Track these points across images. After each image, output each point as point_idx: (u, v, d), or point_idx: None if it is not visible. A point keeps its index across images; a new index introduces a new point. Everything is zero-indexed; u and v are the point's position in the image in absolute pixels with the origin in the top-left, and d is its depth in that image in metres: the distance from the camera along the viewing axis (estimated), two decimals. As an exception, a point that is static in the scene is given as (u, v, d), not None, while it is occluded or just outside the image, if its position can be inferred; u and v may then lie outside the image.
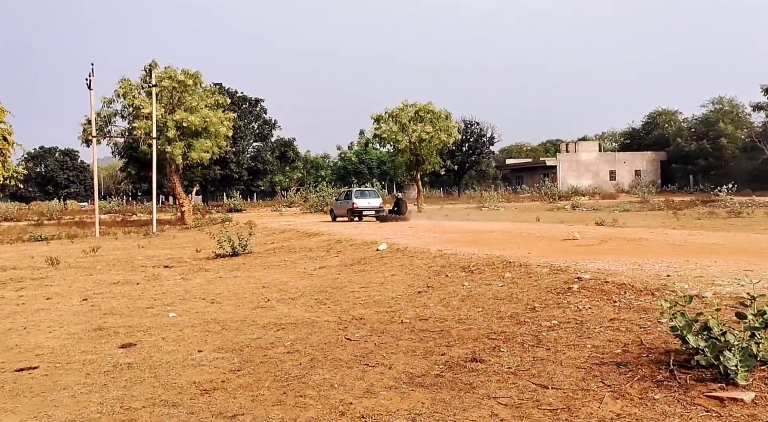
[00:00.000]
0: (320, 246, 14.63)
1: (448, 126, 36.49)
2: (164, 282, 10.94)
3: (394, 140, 36.12)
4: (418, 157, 36.96)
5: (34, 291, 10.60)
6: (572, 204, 37.53)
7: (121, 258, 15.74)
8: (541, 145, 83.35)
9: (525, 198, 48.58)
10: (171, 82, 29.89)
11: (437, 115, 36.57)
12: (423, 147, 36.11)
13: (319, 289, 9.22)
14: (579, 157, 60.65)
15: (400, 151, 36.79)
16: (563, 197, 45.14)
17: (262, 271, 11.73)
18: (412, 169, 38.35)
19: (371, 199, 25.76)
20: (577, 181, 56.61)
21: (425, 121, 36.40)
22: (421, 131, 35.53)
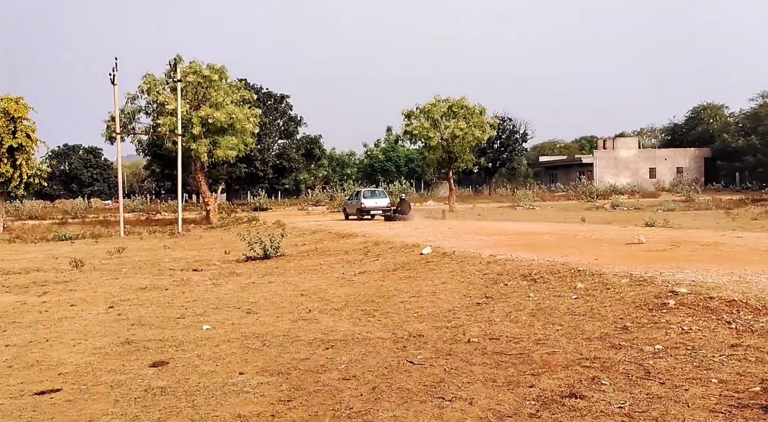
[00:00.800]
0: (357, 248, 13.80)
1: (482, 122, 35.38)
2: (194, 288, 10.20)
3: (426, 137, 35.14)
4: (450, 154, 35.90)
5: (58, 296, 9.95)
6: (612, 203, 36.14)
7: (147, 260, 15.12)
8: (575, 142, 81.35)
9: (560, 196, 47.21)
10: (196, 77, 29.35)
11: (471, 110, 35.47)
12: (456, 144, 35.05)
13: (364, 298, 8.38)
14: (617, 154, 58.71)
15: (431, 148, 35.80)
16: (601, 196, 43.69)
17: (298, 276, 10.93)
18: (443, 166, 37.33)
19: (378, 199, 27.51)
20: (614, 179, 54.85)
21: (458, 116, 35.35)
22: (454, 127, 34.48)
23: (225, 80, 31.67)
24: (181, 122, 27.97)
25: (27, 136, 26.98)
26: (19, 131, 26.67)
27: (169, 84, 30.13)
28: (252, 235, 13.79)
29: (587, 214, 28.17)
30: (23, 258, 16.69)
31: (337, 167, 71.72)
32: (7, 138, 26.25)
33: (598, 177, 56.70)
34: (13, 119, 26.65)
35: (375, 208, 26.42)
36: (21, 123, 26.93)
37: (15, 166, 26.93)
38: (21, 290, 10.71)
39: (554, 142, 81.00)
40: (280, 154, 49.00)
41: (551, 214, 29.43)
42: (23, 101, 27.28)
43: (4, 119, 26.38)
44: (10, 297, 10.09)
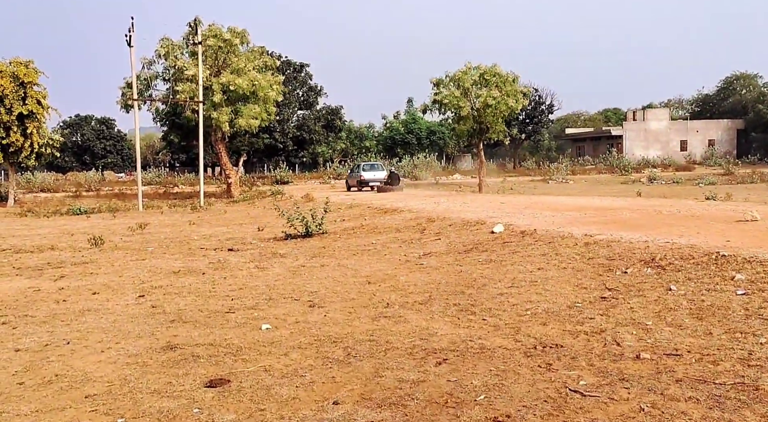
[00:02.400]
0: (408, 225, 12.22)
1: (515, 90, 33.28)
2: (236, 272, 8.71)
3: (456, 106, 33.12)
4: (481, 125, 33.93)
5: (77, 281, 8.51)
6: (648, 176, 34.21)
7: (174, 237, 13.67)
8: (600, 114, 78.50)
9: (590, 170, 45.16)
10: (216, 41, 27.51)
11: (504, 78, 33.29)
12: (488, 114, 33.00)
13: (448, 288, 6.82)
14: (647, 126, 56.21)
15: (461, 119, 33.79)
16: (633, 169, 41.66)
17: (352, 258, 9.40)
18: (474, 138, 35.41)
19: (376, 172, 30.11)
20: (644, 152, 52.55)
21: (490, 84, 33.26)
22: (486, 96, 32.41)
23: (246, 45, 29.81)
24: (201, 89, 26.29)
25: (38, 102, 25.48)
26: (30, 97, 25.16)
27: (188, 48, 28.33)
28: (292, 210, 12.23)
29: (629, 188, 26.35)
30: (36, 234, 15.34)
31: (355, 140, 69.83)
32: (16, 104, 24.76)
33: (627, 149, 54.41)
34: (23, 84, 25.13)
35: (373, 180, 28.97)
36: (31, 88, 25.42)
37: (25, 134, 25.52)
38: (34, 273, 9.29)
39: (578, 113, 78.21)
40: (300, 125, 47.12)
41: (591, 188, 27.63)
42: (33, 65, 25.72)
43: (14, 84, 24.86)
44: (21, 281, 8.68)
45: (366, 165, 31.45)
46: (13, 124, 25.13)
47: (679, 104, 74.48)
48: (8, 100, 24.70)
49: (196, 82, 26.91)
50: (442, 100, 34.49)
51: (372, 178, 29.28)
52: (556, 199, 16.70)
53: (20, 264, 10.20)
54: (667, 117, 59.17)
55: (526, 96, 34.65)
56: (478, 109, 33.72)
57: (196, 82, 26.96)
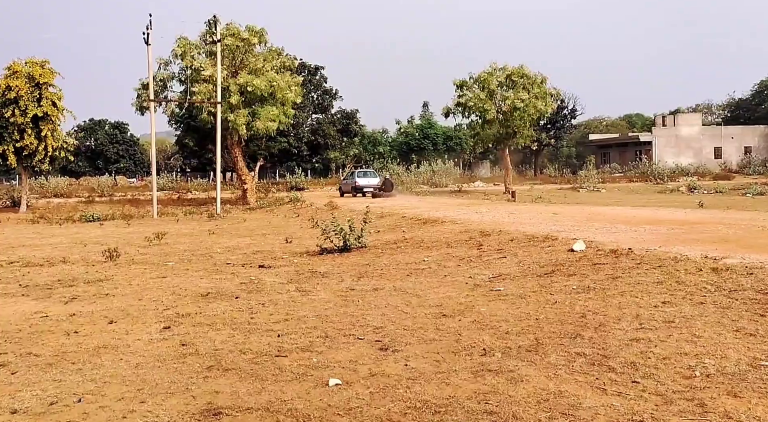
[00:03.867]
0: (459, 239, 10.87)
1: (544, 92, 31.88)
2: (274, 296, 7.40)
3: (481, 109, 31.72)
4: (508, 129, 32.52)
5: (91, 304, 7.24)
6: (687, 186, 32.58)
7: (194, 249, 12.41)
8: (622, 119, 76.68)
9: (619, 178, 43.48)
10: (234, 40, 26.38)
11: (532, 79, 31.92)
12: (515, 117, 31.59)
13: (551, 325, 5.45)
14: (678, 132, 54.15)
15: (487, 122, 32.37)
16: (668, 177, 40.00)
17: (407, 280, 8.06)
18: (500, 143, 33.97)
19: (370, 179, 31.95)
20: (675, 159, 50.55)
21: (517, 86, 31.88)
22: (514, 98, 31.01)
23: (264, 45, 28.70)
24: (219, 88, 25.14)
25: (53, 104, 24.44)
26: (45, 99, 24.13)
27: (206, 47, 27.23)
28: (328, 221, 10.92)
29: (675, 198, 24.87)
30: (47, 243, 14.17)
31: (368, 145, 68.56)
32: (31, 106, 23.73)
33: (657, 156, 52.39)
34: (38, 85, 24.11)
35: (367, 186, 30.56)
36: (46, 90, 24.39)
37: (40, 137, 24.47)
38: (43, 292, 8.04)
39: (600, 119, 76.35)
40: (315, 129, 45.97)
41: (629, 198, 26.12)
42: (49, 65, 24.72)
43: (29, 85, 23.84)
44: (28, 303, 7.43)
45: (360, 172, 33.67)
46: (27, 126, 24.10)
47: (708, 109, 72.47)
48: (23, 101, 23.69)
49: (213, 82, 25.80)
50: (466, 103, 33.11)
51: (366, 184, 30.89)
52: (617, 210, 15.28)
53: (28, 280, 8.97)
54: (699, 122, 57.12)
55: (556, 98, 33.24)
56: (504, 112, 32.34)
57: (213, 83, 25.85)
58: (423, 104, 70.24)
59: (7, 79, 23.91)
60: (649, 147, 54.44)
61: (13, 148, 24.41)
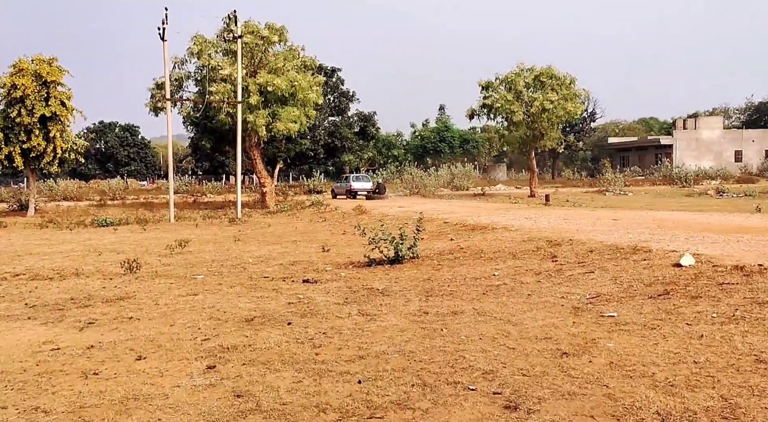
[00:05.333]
0: (524, 249, 9.54)
1: (573, 93, 30.52)
2: (334, 321, 6.10)
3: (508, 111, 30.36)
4: (535, 131, 31.16)
5: (111, 332, 5.98)
6: (716, 189, 31.09)
7: (222, 258, 11.16)
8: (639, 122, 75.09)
9: (641, 181, 41.99)
10: (253, 38, 25.19)
11: (561, 80, 30.59)
12: (543, 119, 30.25)
13: (725, 376, 4.13)
14: (699, 135, 52.84)
15: (514, 124, 31.01)
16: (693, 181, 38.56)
17: (486, 300, 6.75)
18: (526, 145, 32.61)
19: (364, 183, 34.14)
20: (696, 162, 49.17)
21: (546, 87, 30.52)
22: (543, 99, 29.65)
23: (284, 43, 27.50)
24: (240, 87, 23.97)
25: (62, 103, 23.35)
26: (53, 98, 23.03)
27: (225, 44, 26.07)
28: (376, 229, 9.62)
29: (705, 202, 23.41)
30: (57, 251, 12.97)
31: (383, 148, 67.33)
32: (39, 105, 22.64)
33: (677, 160, 51.05)
34: (46, 84, 23.02)
35: (361, 189, 32.83)
36: (55, 88, 23.31)
37: (48, 138, 23.38)
38: (53, 315, 6.80)
39: (616, 122, 74.78)
40: (332, 131, 44.73)
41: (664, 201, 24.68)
42: (57, 63, 23.63)
43: (36, 83, 22.76)
44: (35, 330, 6.18)
45: (354, 176, 36.42)
46: (34, 127, 23.01)
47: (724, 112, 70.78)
48: (30, 100, 22.61)
49: (231, 82, 24.66)
50: (492, 104, 31.80)
51: (361, 188, 33.27)
52: (682, 216, 13.92)
53: (36, 298, 7.74)
54: (720, 125, 55.75)
55: (585, 99, 31.87)
56: (532, 113, 31.00)
57: (231, 82, 24.71)
58: (439, 107, 69.16)
59: (13, 77, 22.85)
60: (670, 150, 53.02)
61: (20, 149, 23.34)
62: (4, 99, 23.13)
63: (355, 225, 11.31)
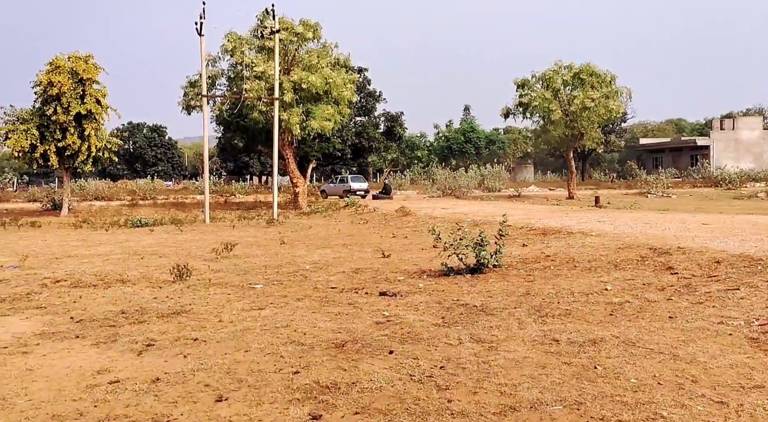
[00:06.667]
0: (623, 258, 8.35)
1: (614, 91, 29.08)
2: (444, 349, 5.01)
3: (546, 109, 29.03)
4: (574, 131, 29.78)
5: (176, 358, 4.96)
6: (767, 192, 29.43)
7: (275, 264, 10.15)
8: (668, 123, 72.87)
9: (680, 183, 40.22)
10: (288, 34, 24.31)
11: (601, 78, 29.17)
12: (584, 118, 28.86)
13: None
14: (737, 136, 50.78)
15: (552, 123, 29.65)
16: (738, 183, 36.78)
17: (618, 325, 5.60)
18: (564, 145, 31.24)
19: (360, 183, 36.37)
20: (734, 164, 47.12)
21: (586, 85, 29.13)
22: (584, 97, 28.27)
23: (317, 40, 26.58)
24: (270, 87, 23.12)
25: (97, 101, 22.71)
26: (88, 96, 22.39)
27: (260, 40, 25.24)
28: (455, 233, 8.48)
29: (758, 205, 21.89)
30: (95, 253, 12.12)
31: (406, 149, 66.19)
32: (74, 103, 22.00)
33: (715, 161, 48.99)
34: (82, 81, 22.39)
35: (359, 189, 34.56)
36: (90, 86, 22.67)
37: (83, 137, 22.74)
38: (104, 333, 5.82)
39: (644, 123, 72.62)
40: (359, 132, 43.73)
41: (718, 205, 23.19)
42: (93, 60, 23.00)
43: (72, 81, 22.14)
44: (85, 354, 5.20)
45: (352, 177, 38.65)
46: (70, 125, 22.38)
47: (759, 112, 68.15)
48: (66, 98, 21.99)
49: (265, 79, 23.81)
50: (529, 103, 30.49)
51: (358, 188, 34.91)
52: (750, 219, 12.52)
53: (82, 310, 6.80)
54: (759, 126, 53.51)
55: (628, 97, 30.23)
56: (572, 112, 29.63)
57: (264, 80, 23.87)
58: (464, 108, 67.91)
59: (49, 75, 22.26)
60: (707, 151, 51.01)
61: (55, 147, 22.75)
62: (40, 97, 22.57)
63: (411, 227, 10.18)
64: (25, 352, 5.24)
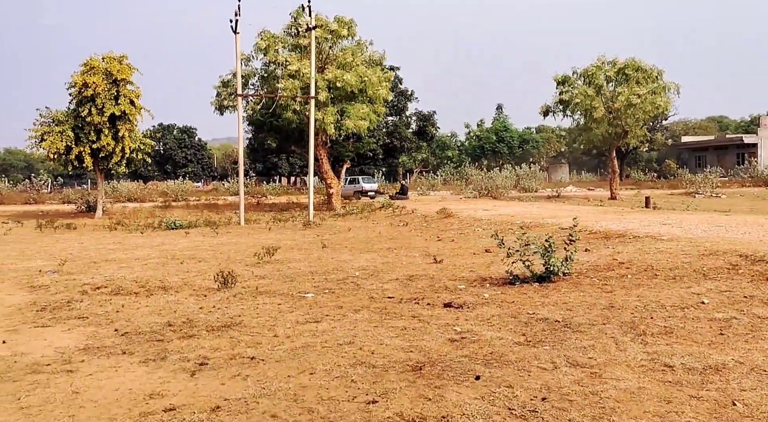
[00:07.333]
0: (708, 266, 7.55)
1: (661, 87, 27.86)
2: (538, 375, 4.35)
3: (588, 106, 27.97)
4: (617, 128, 28.66)
5: (234, 382, 4.42)
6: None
7: (320, 270, 9.60)
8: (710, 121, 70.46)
9: (727, 182, 38.56)
10: (322, 32, 23.88)
11: (648, 73, 27.99)
12: (629, 115, 27.72)
13: None
14: (788, 133, 48.94)
15: (594, 121, 28.57)
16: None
17: (737, 347, 4.87)
18: (607, 143, 30.11)
19: (372, 184, 36.97)
20: (783, 162, 45.31)
21: (631, 80, 27.99)
22: (629, 94, 27.14)
23: (352, 38, 26.08)
24: (304, 86, 22.70)
25: (131, 102, 22.61)
26: (122, 96, 22.31)
27: (288, 42, 24.93)
28: (518, 237, 7.79)
29: None
30: (133, 257, 11.77)
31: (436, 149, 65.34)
32: (109, 104, 21.93)
33: (764, 159, 47.06)
34: (116, 82, 22.32)
35: (370, 190, 35.13)
36: (124, 87, 22.60)
37: (116, 138, 22.67)
38: (152, 349, 5.32)
39: (685, 121, 70.32)
40: (391, 131, 43.15)
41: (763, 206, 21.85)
42: (127, 61, 22.93)
43: (106, 82, 22.08)
44: (135, 373, 4.70)
45: (364, 178, 38.78)
46: (104, 126, 22.33)
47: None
48: (100, 99, 21.94)
49: (299, 78, 23.41)
50: (570, 100, 29.45)
51: (370, 189, 35.27)
52: None
53: (126, 321, 6.34)
54: (809, 122, 51.32)
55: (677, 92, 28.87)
56: (616, 109, 28.50)
57: (298, 79, 23.47)
58: (497, 106, 66.66)
59: (84, 76, 22.24)
60: (754, 149, 48.98)
61: (90, 149, 22.74)
62: (74, 98, 22.57)
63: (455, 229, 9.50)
64: (70, 371, 4.77)
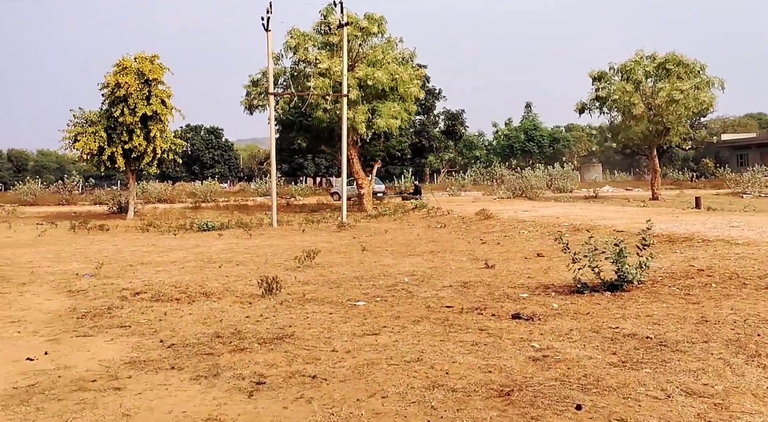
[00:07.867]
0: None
1: (704, 82, 26.71)
2: (650, 404, 3.74)
3: (627, 103, 26.97)
4: (658, 126, 27.59)
5: (298, 406, 3.92)
6: None
7: (368, 276, 9.10)
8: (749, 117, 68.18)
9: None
10: (353, 29, 23.43)
11: (689, 67, 26.87)
12: (671, 111, 26.61)
13: None
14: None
15: (633, 118, 27.54)
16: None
17: None
18: (648, 141, 29.03)
19: (378, 185, 36.19)
20: (832, 162, 43.26)
21: (672, 76, 26.90)
22: (671, 89, 26.07)
23: (382, 35, 25.60)
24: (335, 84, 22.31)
25: (162, 102, 22.47)
26: (154, 96, 22.18)
27: (318, 40, 24.56)
28: (591, 243, 7.16)
29: None
30: (168, 260, 11.45)
31: (464, 149, 64.50)
32: (140, 104, 21.82)
33: (809, 158, 45.10)
34: (147, 82, 22.21)
35: (377, 191, 34.53)
36: (156, 87, 22.46)
37: (148, 138, 22.57)
38: (202, 364, 4.86)
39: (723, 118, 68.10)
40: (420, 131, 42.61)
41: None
42: (159, 61, 22.80)
43: (138, 81, 21.98)
44: (187, 392, 4.24)
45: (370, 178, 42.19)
46: (136, 127, 22.24)
47: None
48: (132, 99, 21.85)
49: (330, 76, 23.03)
50: (609, 96, 28.44)
51: (377, 190, 34.62)
52: None
53: (171, 331, 5.91)
54: None
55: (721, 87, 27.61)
56: (657, 105, 27.42)
57: (329, 77, 23.09)
58: (525, 105, 65.42)
59: (117, 76, 22.18)
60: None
61: (122, 149, 22.69)
62: (107, 98, 22.54)
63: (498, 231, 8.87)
64: (118, 388, 4.34)
